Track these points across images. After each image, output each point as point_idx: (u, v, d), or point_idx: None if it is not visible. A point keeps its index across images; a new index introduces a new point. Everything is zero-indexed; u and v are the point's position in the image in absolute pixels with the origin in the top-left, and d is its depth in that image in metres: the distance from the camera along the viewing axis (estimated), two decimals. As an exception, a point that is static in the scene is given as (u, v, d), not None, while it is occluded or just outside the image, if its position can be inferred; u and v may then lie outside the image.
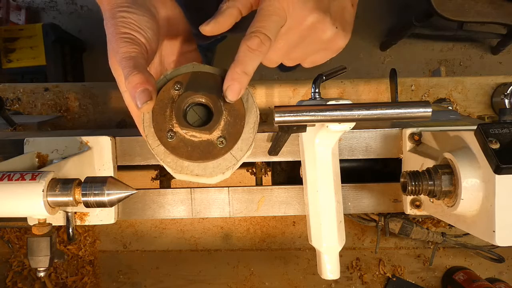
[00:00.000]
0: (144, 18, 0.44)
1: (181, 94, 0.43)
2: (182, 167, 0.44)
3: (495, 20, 1.54)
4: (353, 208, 0.70)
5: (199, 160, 0.43)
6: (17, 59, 1.84)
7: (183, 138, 0.43)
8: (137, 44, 0.42)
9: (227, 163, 0.44)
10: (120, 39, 0.42)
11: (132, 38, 0.42)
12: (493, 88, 0.98)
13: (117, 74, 0.46)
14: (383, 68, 2.13)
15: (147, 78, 0.40)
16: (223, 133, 0.43)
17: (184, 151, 0.42)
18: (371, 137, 0.68)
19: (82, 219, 0.66)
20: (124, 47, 0.42)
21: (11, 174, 0.48)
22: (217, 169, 0.44)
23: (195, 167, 0.44)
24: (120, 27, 0.43)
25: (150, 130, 0.43)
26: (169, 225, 0.99)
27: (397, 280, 0.97)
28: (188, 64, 0.46)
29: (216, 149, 0.43)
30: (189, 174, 0.44)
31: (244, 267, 0.99)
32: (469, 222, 0.53)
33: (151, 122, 0.43)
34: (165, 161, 0.43)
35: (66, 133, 0.73)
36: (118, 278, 0.99)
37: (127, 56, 0.41)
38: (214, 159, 0.43)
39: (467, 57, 2.15)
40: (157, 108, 0.43)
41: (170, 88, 0.43)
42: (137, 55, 0.42)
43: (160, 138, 0.43)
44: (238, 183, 0.89)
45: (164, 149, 0.43)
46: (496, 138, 0.48)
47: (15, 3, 2.06)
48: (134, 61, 0.41)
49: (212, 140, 0.43)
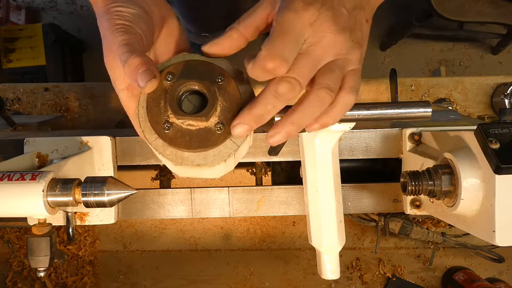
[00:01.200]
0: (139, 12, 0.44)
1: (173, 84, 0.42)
2: (182, 158, 0.42)
3: (495, 20, 1.54)
4: (353, 208, 0.70)
5: (198, 149, 0.42)
6: (17, 59, 1.84)
7: (180, 128, 0.42)
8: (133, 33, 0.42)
9: (227, 150, 0.43)
10: (115, 30, 0.42)
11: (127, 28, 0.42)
12: (493, 88, 0.98)
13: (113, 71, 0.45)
14: (383, 68, 2.13)
15: (146, 60, 0.40)
16: (220, 119, 0.42)
17: (182, 141, 0.41)
18: (371, 137, 0.68)
19: (82, 219, 0.66)
20: (120, 36, 0.41)
21: (11, 174, 0.48)
22: (218, 156, 0.43)
23: (196, 156, 0.43)
24: (116, 19, 0.42)
25: (147, 125, 0.42)
26: (169, 225, 0.99)
27: (397, 280, 0.97)
28: (178, 55, 0.45)
29: (215, 135, 0.42)
30: (190, 165, 0.42)
31: (244, 267, 0.99)
32: (469, 222, 0.53)
33: (146, 116, 0.42)
34: (164, 154, 0.42)
35: (66, 133, 0.73)
36: (118, 278, 0.99)
37: (124, 43, 0.41)
38: (214, 146, 0.42)
39: (467, 57, 2.15)
40: (150, 101, 0.42)
41: (162, 80, 0.43)
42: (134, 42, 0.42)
43: (157, 131, 0.42)
44: (238, 183, 0.89)
45: (162, 142, 0.42)
46: (496, 138, 0.48)
47: (15, 3, 2.06)
48: (131, 47, 0.41)
49: (210, 127, 0.42)
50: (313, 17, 0.39)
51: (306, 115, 0.40)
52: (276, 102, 0.39)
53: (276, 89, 0.38)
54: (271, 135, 0.41)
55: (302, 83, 0.39)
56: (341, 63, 0.41)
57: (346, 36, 0.40)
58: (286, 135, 0.40)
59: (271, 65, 0.37)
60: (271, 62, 0.37)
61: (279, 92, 0.38)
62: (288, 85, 0.38)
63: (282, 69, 0.38)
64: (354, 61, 0.42)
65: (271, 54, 0.37)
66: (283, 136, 0.40)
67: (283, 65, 0.37)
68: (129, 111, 0.47)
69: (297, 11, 0.38)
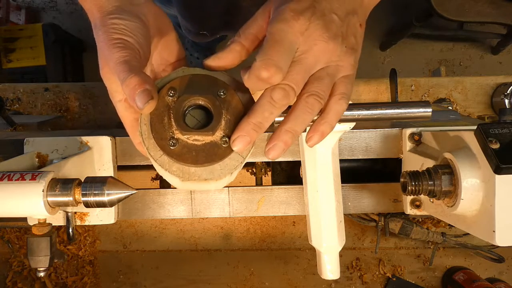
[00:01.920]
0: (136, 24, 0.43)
1: (176, 99, 0.42)
2: (190, 173, 0.42)
3: (495, 20, 1.54)
4: (353, 208, 0.70)
5: (205, 164, 0.41)
6: (17, 59, 1.84)
7: (186, 144, 0.41)
8: (131, 48, 0.42)
9: (234, 162, 0.43)
10: (112, 45, 0.41)
11: (125, 43, 0.42)
12: (493, 88, 0.98)
13: (110, 83, 0.45)
14: (383, 68, 2.13)
15: (145, 79, 0.40)
16: (225, 132, 0.42)
17: (189, 157, 0.41)
18: (371, 137, 0.68)
19: (82, 219, 0.66)
20: (117, 53, 0.41)
21: (11, 174, 0.48)
22: (225, 170, 0.42)
23: (202, 171, 0.42)
24: (112, 33, 0.42)
25: (151, 142, 0.42)
26: (169, 225, 0.99)
27: (397, 280, 0.97)
28: (177, 69, 0.45)
29: (221, 149, 0.42)
30: (197, 180, 0.42)
31: (244, 267, 0.99)
32: (469, 222, 0.53)
33: (150, 133, 0.42)
34: (171, 171, 0.42)
35: (66, 133, 0.73)
36: (118, 278, 0.99)
37: (121, 60, 0.40)
38: (221, 160, 0.42)
39: (467, 57, 2.15)
40: (154, 117, 0.42)
41: (164, 95, 0.42)
42: (131, 59, 0.41)
43: (162, 148, 0.41)
44: (238, 183, 0.88)
45: (168, 158, 0.41)
46: (496, 138, 0.48)
47: (15, 3, 2.06)
48: (129, 65, 0.40)
49: (216, 141, 0.42)
50: (304, 26, 0.40)
51: (299, 122, 0.41)
52: (273, 109, 0.40)
53: (271, 95, 0.39)
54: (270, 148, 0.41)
55: (296, 89, 0.40)
56: (332, 70, 0.42)
57: (338, 43, 0.41)
58: (283, 145, 0.41)
59: (266, 74, 0.38)
60: (266, 71, 0.38)
61: (275, 98, 0.39)
62: (282, 91, 0.39)
63: (277, 77, 0.39)
64: (346, 67, 0.43)
65: (265, 64, 0.38)
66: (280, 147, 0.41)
67: (277, 74, 0.38)
68: (126, 122, 0.47)
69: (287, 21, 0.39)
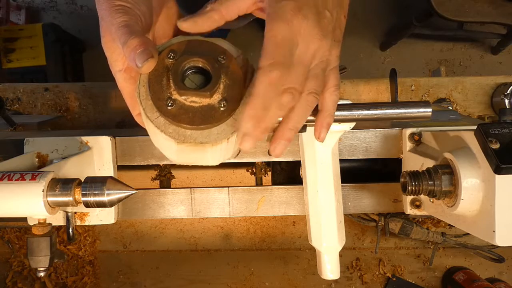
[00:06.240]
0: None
1: (176, 61, 0.42)
2: (185, 135, 0.42)
3: (495, 20, 1.54)
4: (353, 208, 0.70)
5: (201, 126, 0.41)
6: (17, 59, 1.84)
7: (183, 105, 0.41)
8: (133, 14, 0.42)
9: (231, 128, 0.42)
10: (115, 11, 0.42)
11: (127, 10, 0.42)
12: (493, 88, 0.98)
13: (110, 52, 0.45)
14: (383, 68, 2.13)
15: (145, 40, 0.40)
16: (223, 96, 0.42)
17: (185, 118, 0.41)
18: (371, 137, 0.68)
19: (82, 219, 0.66)
20: (119, 17, 0.41)
21: (11, 174, 0.48)
22: (221, 134, 0.42)
23: (199, 134, 0.42)
24: (115, 1, 0.42)
25: (148, 103, 0.42)
26: (169, 225, 0.99)
27: (397, 280, 0.97)
28: (178, 37, 0.45)
29: (218, 112, 0.41)
30: (193, 143, 0.42)
31: (244, 267, 0.99)
32: (469, 222, 0.53)
33: (148, 94, 0.42)
34: (167, 132, 0.41)
35: (66, 133, 0.73)
36: (118, 278, 0.99)
37: (123, 24, 0.41)
38: (218, 124, 0.42)
39: (467, 57, 2.15)
40: (152, 78, 0.42)
41: (164, 58, 0.42)
42: (133, 23, 0.41)
43: (159, 108, 0.41)
44: (238, 183, 0.89)
45: (164, 120, 0.41)
46: (496, 138, 0.48)
47: (15, 3, 2.06)
48: (130, 28, 0.41)
49: (213, 104, 0.41)
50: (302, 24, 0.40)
51: (300, 119, 0.43)
52: (281, 113, 0.41)
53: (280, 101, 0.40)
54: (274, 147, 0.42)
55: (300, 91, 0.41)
56: (324, 65, 0.43)
57: (329, 39, 0.42)
58: (287, 142, 0.42)
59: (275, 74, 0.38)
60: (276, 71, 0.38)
61: (283, 103, 0.40)
62: (290, 96, 0.40)
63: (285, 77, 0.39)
64: (334, 60, 0.44)
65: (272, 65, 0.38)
66: (284, 144, 0.42)
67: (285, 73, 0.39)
68: (124, 93, 0.47)
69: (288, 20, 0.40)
